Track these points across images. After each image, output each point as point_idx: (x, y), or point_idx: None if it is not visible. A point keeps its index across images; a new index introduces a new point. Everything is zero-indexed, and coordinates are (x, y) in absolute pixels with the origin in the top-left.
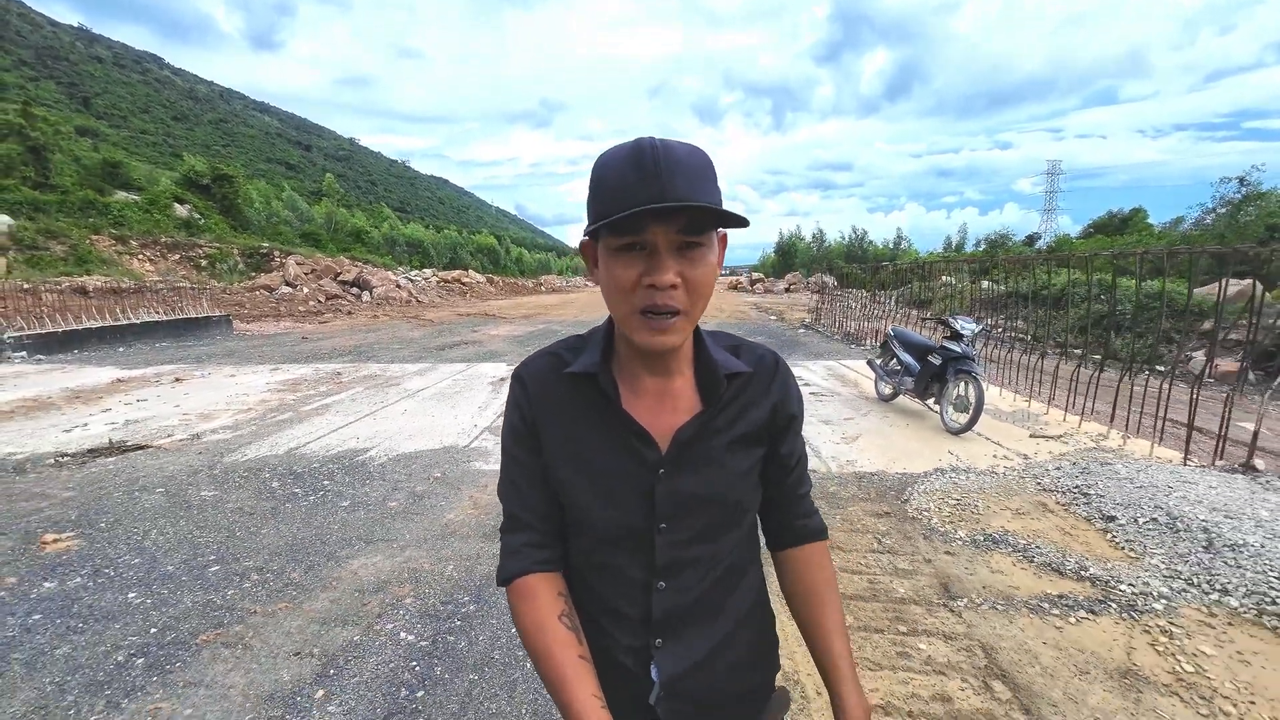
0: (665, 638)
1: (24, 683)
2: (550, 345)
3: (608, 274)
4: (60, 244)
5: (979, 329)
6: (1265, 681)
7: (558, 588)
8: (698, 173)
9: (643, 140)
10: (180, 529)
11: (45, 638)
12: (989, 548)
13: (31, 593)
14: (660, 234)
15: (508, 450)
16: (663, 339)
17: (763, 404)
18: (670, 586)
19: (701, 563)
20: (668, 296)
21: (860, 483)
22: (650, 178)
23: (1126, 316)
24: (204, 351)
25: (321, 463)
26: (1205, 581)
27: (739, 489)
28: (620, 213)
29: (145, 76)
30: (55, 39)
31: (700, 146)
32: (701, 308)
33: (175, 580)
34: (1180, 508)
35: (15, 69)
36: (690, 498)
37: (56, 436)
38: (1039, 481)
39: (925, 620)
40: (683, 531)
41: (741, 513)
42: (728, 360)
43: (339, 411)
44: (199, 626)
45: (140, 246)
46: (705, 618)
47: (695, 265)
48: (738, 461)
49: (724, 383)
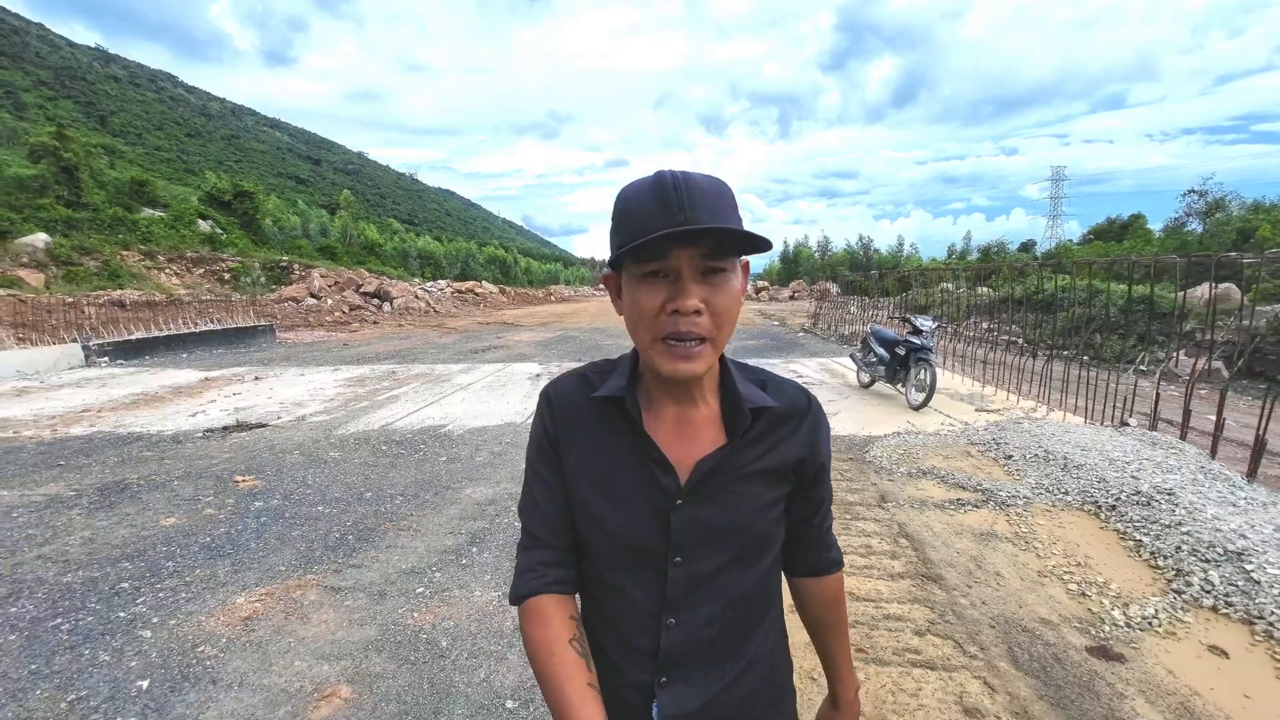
0: (670, 676)
1: (285, 547)
2: (579, 367)
3: (631, 302)
4: (93, 259)
5: (935, 325)
6: (1070, 536)
7: (570, 610)
8: (719, 200)
9: (664, 172)
10: (327, 474)
11: (279, 528)
12: (919, 476)
13: (251, 507)
14: (684, 259)
15: (531, 466)
16: (687, 366)
17: (791, 444)
18: (680, 622)
19: (715, 600)
20: (691, 323)
21: (834, 440)
22: (674, 206)
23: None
24: (261, 356)
25: (412, 434)
26: (1056, 488)
27: (760, 525)
28: (644, 239)
29: (160, 94)
30: (73, 59)
31: (720, 177)
32: (727, 335)
33: (344, 501)
34: (1056, 447)
35: (35, 89)
36: (708, 530)
37: (185, 419)
38: (969, 438)
39: (865, 513)
40: (698, 564)
41: (761, 550)
42: (754, 394)
43: (408, 400)
44: (378, 523)
45: (167, 261)
46: (715, 659)
47: (719, 291)
48: (761, 498)
49: (747, 417)
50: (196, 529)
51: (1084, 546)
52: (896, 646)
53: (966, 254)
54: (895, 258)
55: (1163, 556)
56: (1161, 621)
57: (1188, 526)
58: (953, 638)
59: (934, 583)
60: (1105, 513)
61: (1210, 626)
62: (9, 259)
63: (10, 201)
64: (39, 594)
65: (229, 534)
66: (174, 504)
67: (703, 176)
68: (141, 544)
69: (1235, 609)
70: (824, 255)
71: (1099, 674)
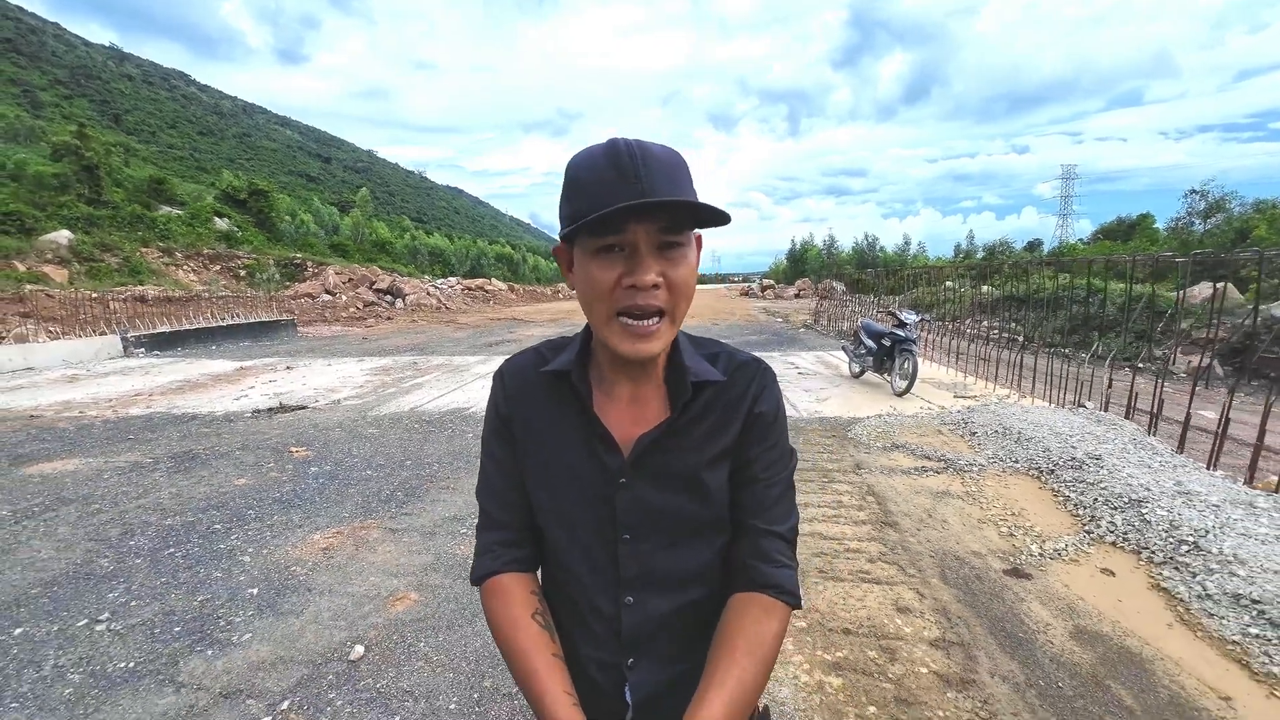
0: (637, 657)
1: (345, 500)
2: (537, 344)
3: (585, 277)
4: (114, 256)
5: (919, 319)
6: (1012, 494)
7: (530, 587)
8: (676, 171)
9: (618, 140)
10: (369, 447)
11: (336, 487)
12: (891, 449)
13: (309, 472)
14: (641, 233)
15: (485, 445)
16: (645, 346)
17: (738, 412)
18: (638, 600)
19: (671, 580)
20: (650, 296)
21: (820, 422)
22: (631, 177)
23: (1109, 318)
24: (286, 348)
25: (440, 415)
26: (1008, 457)
27: (710, 506)
28: (600, 212)
29: (173, 93)
30: (88, 58)
31: (674, 148)
32: (684, 310)
33: (388, 468)
34: (1014, 424)
35: (51, 87)
36: (652, 508)
37: (231, 402)
38: (943, 420)
39: (840, 478)
40: (646, 542)
41: (714, 532)
42: (700, 367)
43: (431, 387)
44: (419, 483)
45: (185, 258)
46: (684, 639)
47: (676, 265)
48: (707, 477)
49: (688, 390)
50: (266, 487)
51: (1021, 501)
52: (851, 569)
53: (972, 253)
54: (902, 257)
55: (1083, 507)
56: (1068, 552)
57: (1106, 483)
58: (898, 564)
59: (890, 527)
60: (1045, 476)
61: (1107, 556)
62: (34, 255)
63: (34, 199)
64: (149, 532)
65: (295, 491)
66: (241, 469)
67: (658, 146)
68: (222, 498)
69: (1129, 543)
70: (829, 254)
71: (1008, 586)
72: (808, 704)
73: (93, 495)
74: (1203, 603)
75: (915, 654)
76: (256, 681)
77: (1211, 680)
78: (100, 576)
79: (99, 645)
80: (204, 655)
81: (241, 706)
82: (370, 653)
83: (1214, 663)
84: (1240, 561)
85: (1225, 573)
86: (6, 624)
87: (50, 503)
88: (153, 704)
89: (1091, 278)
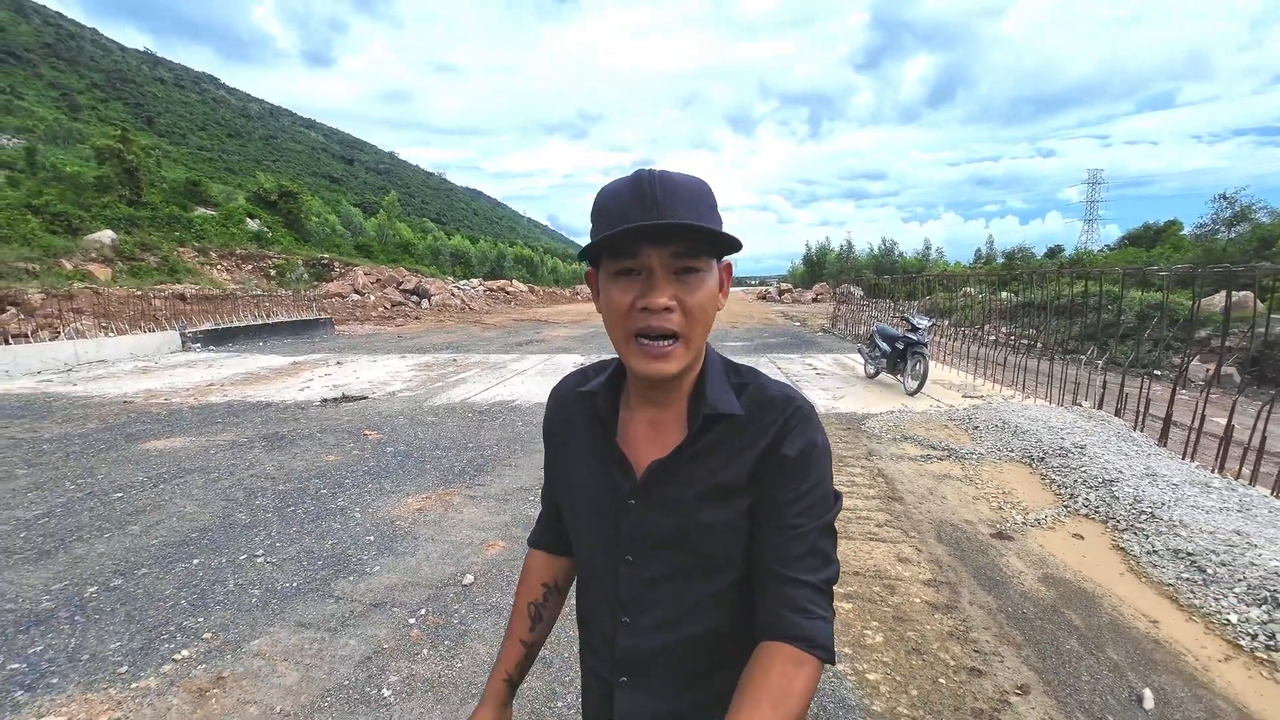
0: (631, 678)
1: (425, 474)
2: (587, 365)
3: (605, 299)
4: (153, 255)
5: (930, 324)
6: (1005, 477)
7: (544, 576)
8: (696, 199)
9: (641, 170)
10: (432, 432)
11: (414, 463)
12: (901, 441)
13: (386, 451)
14: (655, 257)
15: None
16: (660, 366)
17: (754, 450)
18: (633, 623)
19: (666, 607)
20: (662, 319)
21: (836, 417)
22: (649, 204)
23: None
24: (329, 345)
25: (490, 406)
26: (1004, 448)
27: (711, 542)
28: (606, 234)
29: (203, 96)
30: (123, 62)
31: (700, 176)
32: (701, 335)
33: (454, 449)
34: (1012, 420)
35: (88, 91)
36: (655, 534)
37: (296, 393)
38: (950, 416)
39: (853, 463)
40: (647, 569)
41: (715, 569)
42: (722, 398)
43: (475, 382)
44: (485, 463)
45: (219, 258)
46: (674, 677)
47: (692, 291)
48: (711, 513)
49: (699, 420)
50: (354, 462)
51: (1012, 483)
52: (861, 531)
53: (992, 259)
54: (921, 261)
55: (1064, 487)
56: (1047, 521)
57: (1086, 468)
58: (900, 527)
59: (896, 501)
60: (1035, 463)
61: (1079, 525)
62: (80, 254)
63: (78, 200)
64: (268, 495)
65: (379, 465)
66: (327, 447)
67: (682, 175)
68: (319, 469)
69: (1099, 515)
70: (846, 258)
71: (993, 544)
72: None
73: (209, 466)
74: (1150, 557)
75: (911, 590)
76: (394, 597)
77: (1145, 610)
78: (242, 526)
79: (264, 572)
80: (348, 580)
81: (389, 612)
82: (478, 580)
83: (1150, 599)
84: (1184, 525)
85: (1171, 534)
86: (184, 557)
87: (175, 472)
88: (321, 609)
89: (1110, 285)
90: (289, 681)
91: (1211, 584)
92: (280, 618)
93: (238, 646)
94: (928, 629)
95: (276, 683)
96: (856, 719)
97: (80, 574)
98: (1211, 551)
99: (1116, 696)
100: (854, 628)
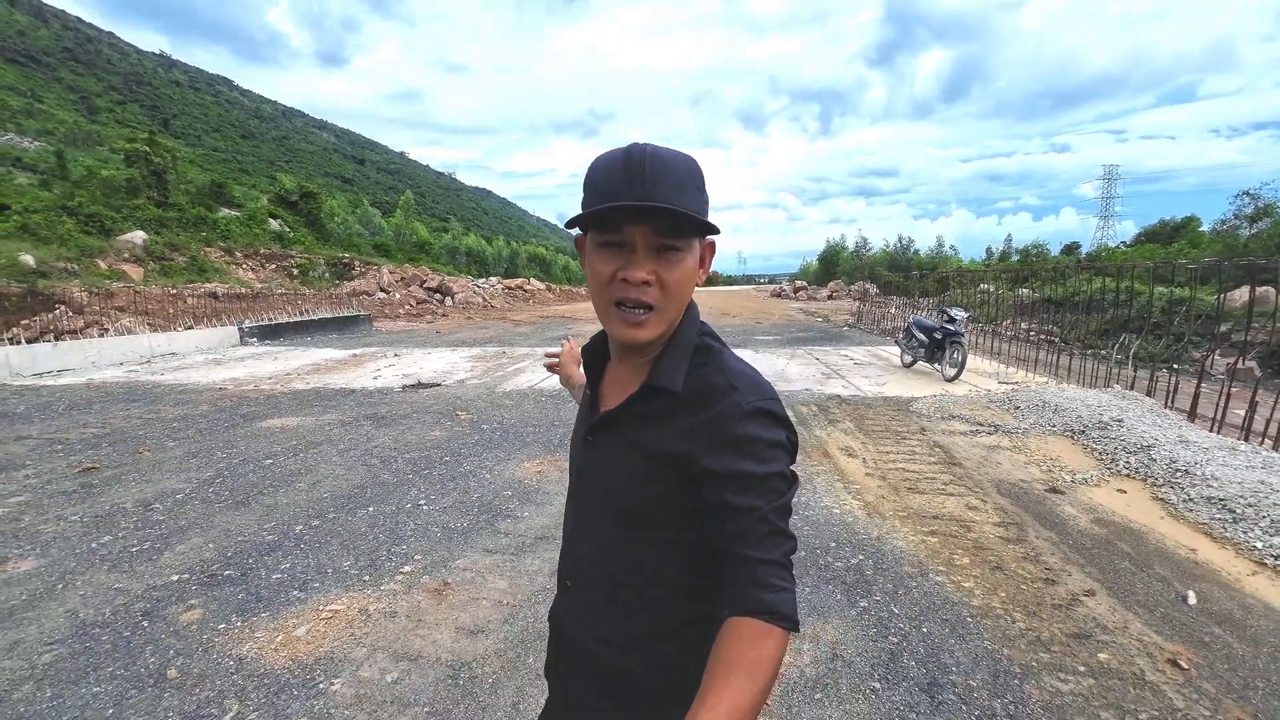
0: (573, 583)
1: (528, 445)
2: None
3: (590, 267)
4: (182, 255)
5: (966, 315)
6: (1050, 448)
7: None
8: (683, 179)
9: (634, 146)
10: (515, 413)
11: (514, 437)
12: (949, 419)
13: (483, 428)
14: (637, 234)
15: None
16: (634, 332)
17: (678, 433)
18: (577, 538)
19: (595, 537)
20: (640, 292)
21: (884, 400)
22: (635, 181)
23: (1150, 321)
24: (376, 340)
25: (558, 391)
26: (1046, 424)
27: (632, 495)
28: (592, 209)
29: (217, 98)
30: (140, 65)
31: (691, 155)
32: (675, 308)
33: (543, 426)
34: (1051, 400)
35: (105, 94)
36: (596, 473)
37: (371, 381)
38: (989, 399)
39: (909, 437)
40: (591, 504)
41: (635, 521)
42: (670, 372)
43: (532, 372)
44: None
45: (244, 258)
46: (597, 603)
47: (672, 268)
48: (638, 470)
49: (637, 388)
50: (461, 436)
51: (1058, 451)
52: (931, 487)
53: (1007, 255)
54: (934, 259)
55: (1105, 453)
56: (1092, 480)
57: (1124, 437)
58: (965, 485)
59: (956, 465)
60: (1077, 435)
61: (1122, 483)
62: (113, 254)
63: (109, 202)
64: (400, 461)
65: (485, 439)
66: (429, 425)
67: (672, 153)
68: (433, 442)
69: (1139, 474)
70: (860, 256)
71: (1048, 498)
72: (918, 549)
73: (332, 439)
74: (1186, 504)
75: (984, 529)
76: (552, 534)
77: (1184, 541)
78: (392, 485)
79: (433, 516)
80: (507, 521)
81: (554, 541)
82: None
83: (1187, 534)
84: (1215, 479)
85: (1204, 485)
86: (359, 505)
87: (306, 444)
88: (497, 540)
89: (1132, 281)
90: (501, 585)
91: (1240, 521)
92: (468, 546)
93: (446, 564)
94: (1005, 554)
95: (493, 585)
96: (961, 611)
97: (282, 517)
98: (1240, 497)
99: (1165, 597)
100: (943, 554)
